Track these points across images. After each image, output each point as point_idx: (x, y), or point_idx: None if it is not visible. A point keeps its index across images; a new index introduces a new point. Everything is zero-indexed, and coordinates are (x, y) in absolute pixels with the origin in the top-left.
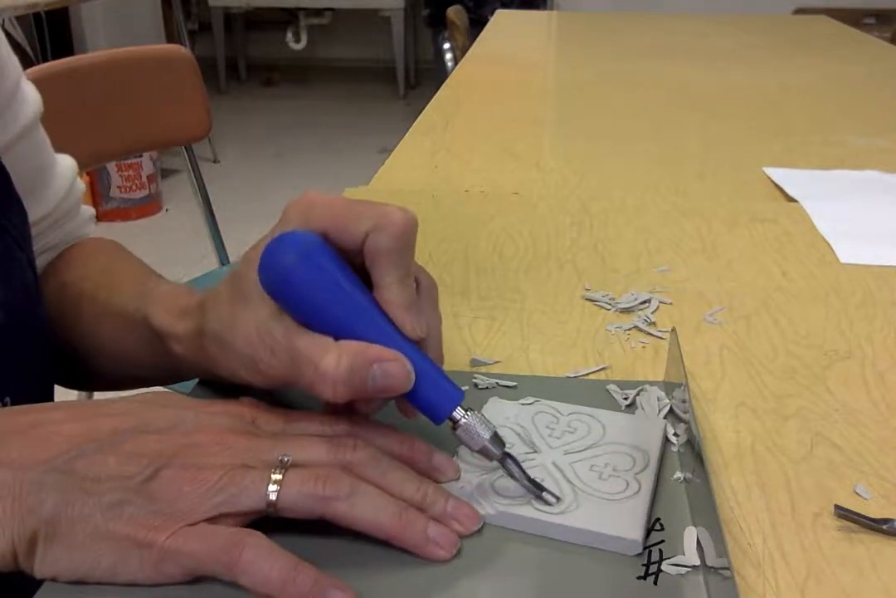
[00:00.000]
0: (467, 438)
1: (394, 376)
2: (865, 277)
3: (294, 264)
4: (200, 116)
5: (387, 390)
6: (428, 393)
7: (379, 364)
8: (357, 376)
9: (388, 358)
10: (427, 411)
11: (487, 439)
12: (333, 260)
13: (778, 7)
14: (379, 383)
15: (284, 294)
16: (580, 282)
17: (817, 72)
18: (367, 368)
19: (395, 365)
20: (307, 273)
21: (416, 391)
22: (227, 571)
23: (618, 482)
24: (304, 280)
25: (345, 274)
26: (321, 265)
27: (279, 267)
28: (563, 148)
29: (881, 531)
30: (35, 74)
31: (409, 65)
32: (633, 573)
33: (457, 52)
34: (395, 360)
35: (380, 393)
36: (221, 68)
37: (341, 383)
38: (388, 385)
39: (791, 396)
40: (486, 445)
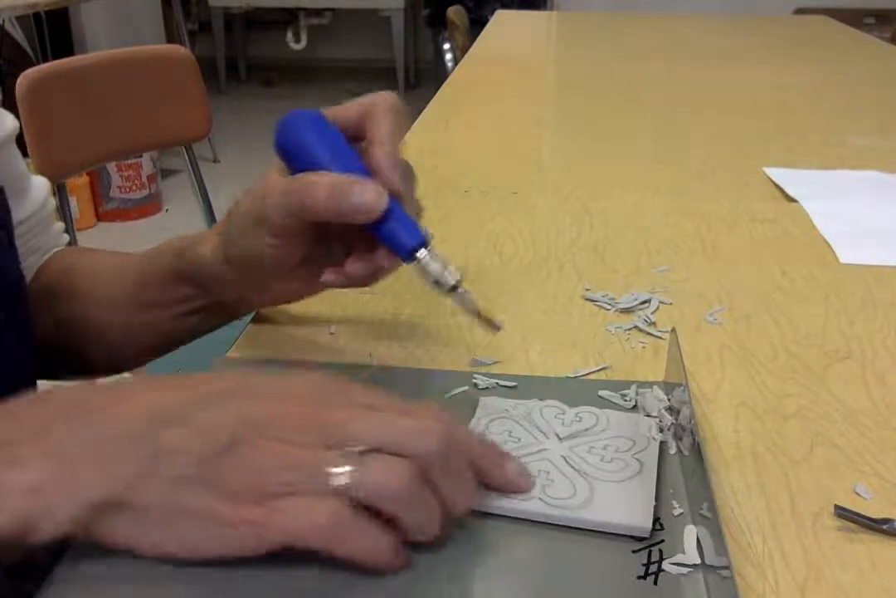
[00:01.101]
0: (423, 271)
1: (370, 194)
2: (865, 277)
3: (297, 123)
4: (200, 116)
5: (364, 205)
6: (395, 229)
7: (358, 185)
8: (340, 188)
9: (366, 183)
10: (394, 246)
11: (441, 272)
12: (331, 126)
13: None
14: (357, 199)
15: (288, 147)
16: (580, 282)
17: (817, 72)
18: (349, 184)
19: (371, 186)
20: (310, 129)
21: (386, 226)
22: (321, 543)
23: (619, 463)
24: (306, 135)
25: (340, 137)
26: (322, 125)
27: (289, 126)
28: (563, 148)
29: (881, 531)
30: (35, 74)
31: (409, 65)
32: (634, 572)
33: (457, 52)
34: (372, 186)
35: (358, 211)
36: (221, 68)
37: (325, 191)
38: (365, 200)
39: (791, 396)
40: (439, 277)
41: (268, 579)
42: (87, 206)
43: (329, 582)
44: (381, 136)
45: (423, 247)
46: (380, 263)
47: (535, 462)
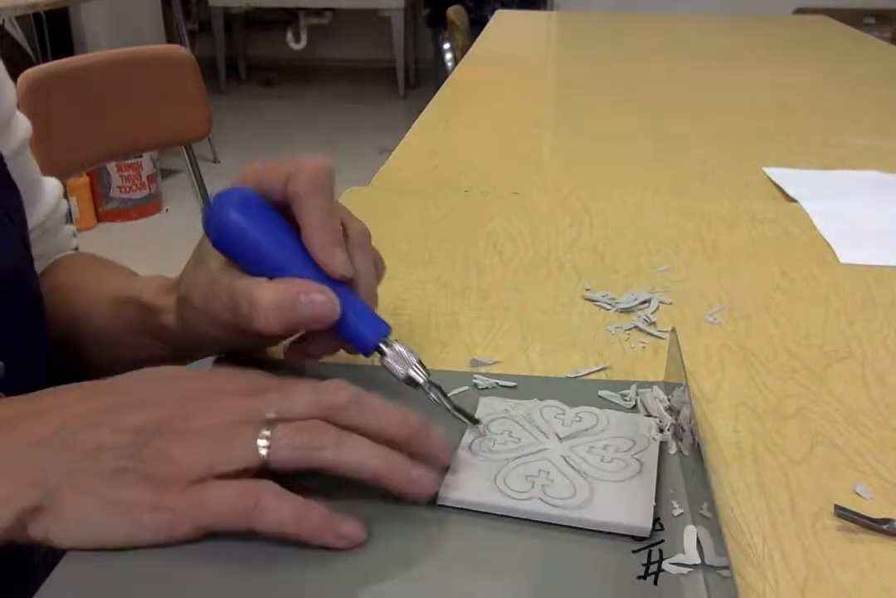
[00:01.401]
0: (393, 366)
1: (319, 305)
2: (865, 277)
3: (229, 214)
4: (200, 116)
5: (314, 318)
6: (355, 325)
7: (305, 294)
8: (285, 305)
9: (313, 290)
10: (356, 342)
11: (412, 365)
12: (265, 210)
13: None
14: (306, 312)
15: (225, 243)
16: (580, 282)
17: (817, 72)
18: (293, 297)
19: (319, 295)
20: (240, 221)
21: (344, 323)
22: (242, 519)
23: (619, 463)
24: (238, 228)
25: (276, 222)
26: (253, 214)
27: (218, 219)
28: (563, 148)
29: (881, 531)
30: (35, 74)
31: (409, 65)
32: (633, 572)
33: (457, 52)
34: (319, 291)
35: (309, 323)
36: (221, 68)
37: (272, 312)
38: (315, 314)
39: (791, 396)
40: (411, 373)
41: (268, 580)
42: (87, 206)
43: (329, 584)
44: (312, 220)
45: (384, 342)
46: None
47: (535, 462)
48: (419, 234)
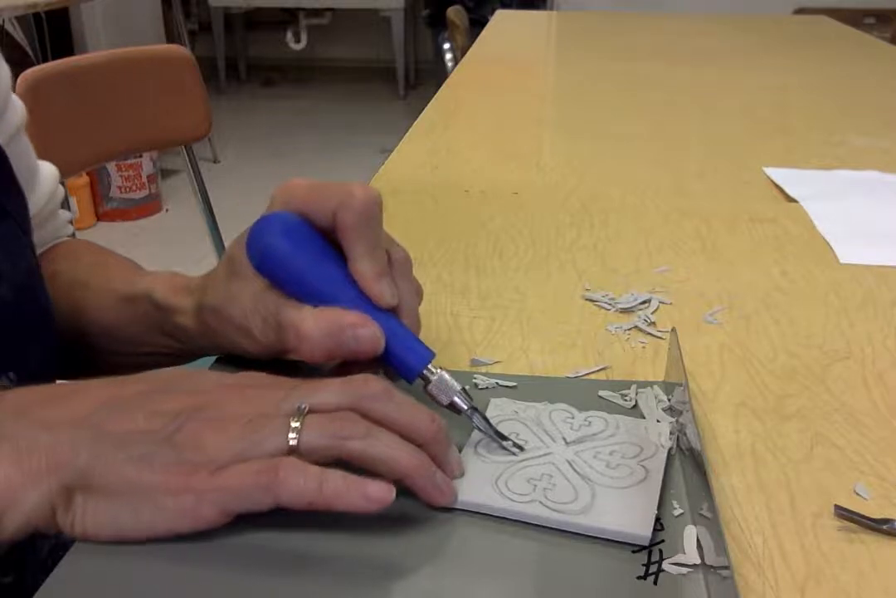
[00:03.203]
0: (437, 393)
1: (364, 340)
2: (865, 277)
3: (274, 242)
4: (200, 116)
5: (359, 352)
6: (400, 354)
7: (351, 328)
8: (332, 340)
9: (359, 324)
10: (400, 370)
11: (457, 392)
12: (311, 237)
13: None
14: (352, 346)
15: (269, 269)
16: (580, 282)
17: (817, 72)
18: (340, 332)
19: (365, 330)
20: (286, 249)
21: (389, 352)
22: (265, 493)
23: (624, 470)
24: (283, 256)
25: (321, 249)
26: (298, 242)
27: (262, 245)
28: (563, 148)
29: (881, 531)
30: (35, 74)
31: (409, 65)
32: (633, 572)
33: (457, 52)
34: (365, 325)
35: (354, 355)
36: (221, 68)
37: (318, 346)
38: (360, 348)
39: (791, 396)
40: (455, 399)
41: (269, 580)
42: (87, 206)
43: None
44: (359, 252)
45: (428, 369)
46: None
47: (539, 466)
48: (419, 234)
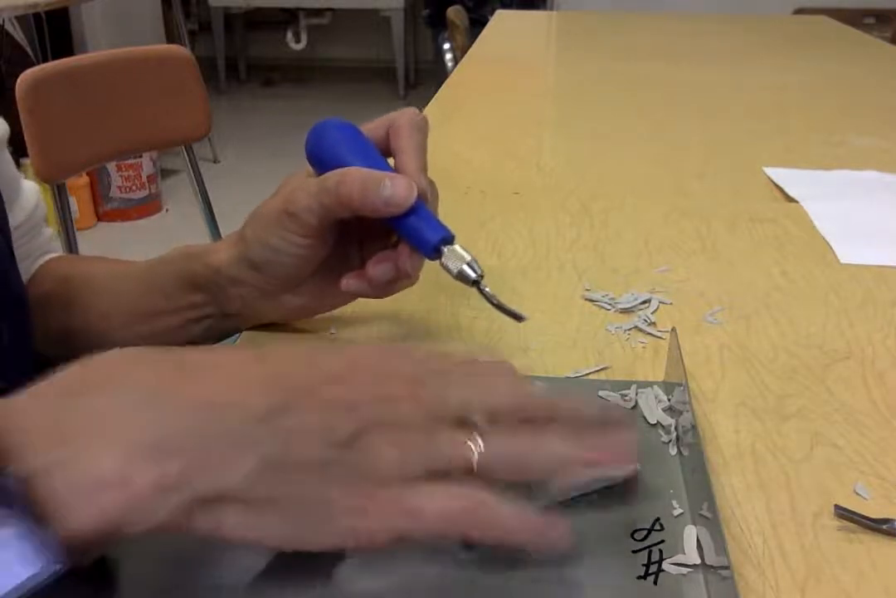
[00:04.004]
0: (448, 263)
1: (399, 190)
2: (865, 277)
3: (327, 126)
4: (200, 116)
5: (394, 199)
6: (422, 225)
7: (390, 178)
8: (371, 183)
9: (398, 177)
10: (419, 241)
11: (465, 262)
12: (362, 134)
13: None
14: (388, 192)
15: (321, 151)
16: (580, 282)
17: (817, 72)
18: (380, 177)
19: (402, 179)
20: (340, 135)
21: (413, 220)
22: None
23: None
24: (337, 139)
25: (370, 145)
26: (352, 132)
27: (317, 131)
28: (563, 148)
29: (881, 531)
30: (35, 74)
31: (409, 65)
32: (633, 572)
33: (457, 52)
34: (404, 179)
35: (389, 203)
36: (221, 68)
37: (357, 186)
38: (396, 194)
39: (791, 396)
40: (464, 268)
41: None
42: (87, 206)
43: None
44: (406, 147)
45: (448, 243)
46: (402, 264)
47: None
48: None
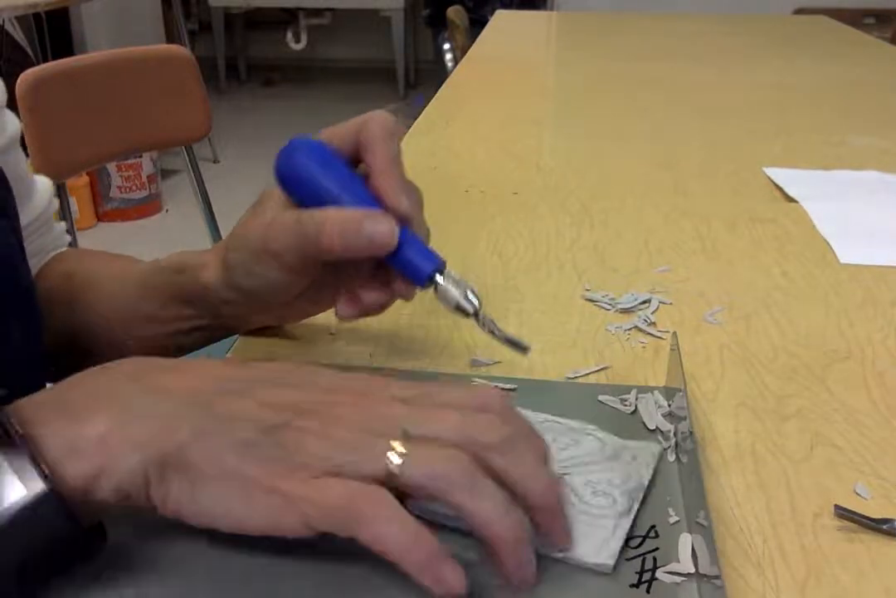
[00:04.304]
0: (443, 297)
1: (381, 231)
2: (865, 277)
3: (296, 153)
4: (200, 116)
5: (375, 243)
6: (411, 256)
7: (370, 220)
8: (351, 226)
9: (378, 216)
10: (410, 273)
11: (462, 296)
12: (333, 156)
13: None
14: (367, 233)
15: (290, 180)
16: (580, 282)
17: (817, 72)
18: (360, 219)
19: (383, 219)
20: (307, 160)
21: (401, 254)
22: (354, 524)
23: (606, 499)
24: (305, 165)
25: (342, 167)
26: (319, 155)
27: (285, 157)
28: (563, 148)
29: (881, 531)
30: (35, 74)
31: (409, 65)
32: (626, 580)
33: (457, 52)
34: (384, 217)
35: (371, 246)
36: (221, 68)
37: (336, 231)
38: (377, 236)
39: (791, 396)
40: (461, 302)
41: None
42: (87, 206)
43: None
44: (380, 163)
45: (440, 272)
46: (398, 291)
47: None
48: None
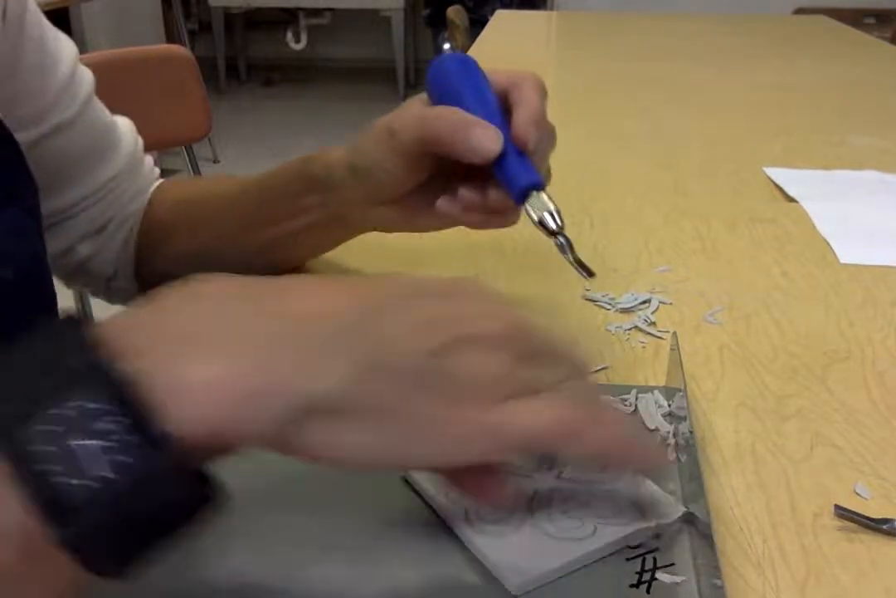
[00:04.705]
0: (531, 209)
1: (487, 136)
2: (865, 277)
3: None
4: (200, 116)
5: (478, 148)
6: (513, 169)
7: (483, 127)
8: (462, 126)
9: (489, 126)
10: (508, 184)
11: (549, 211)
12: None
13: (778, 7)
14: (474, 140)
15: (438, 81)
16: (580, 282)
17: (817, 72)
18: (473, 124)
19: (492, 131)
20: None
21: (504, 166)
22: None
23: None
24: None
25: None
26: (474, 71)
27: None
28: (563, 148)
29: (881, 531)
30: None
31: (409, 65)
32: (626, 580)
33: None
34: (493, 129)
35: (472, 150)
36: (221, 68)
37: (449, 127)
38: (480, 143)
39: (791, 396)
40: (545, 217)
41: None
42: None
43: None
44: (527, 99)
45: (536, 190)
46: (493, 199)
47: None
48: (419, 234)
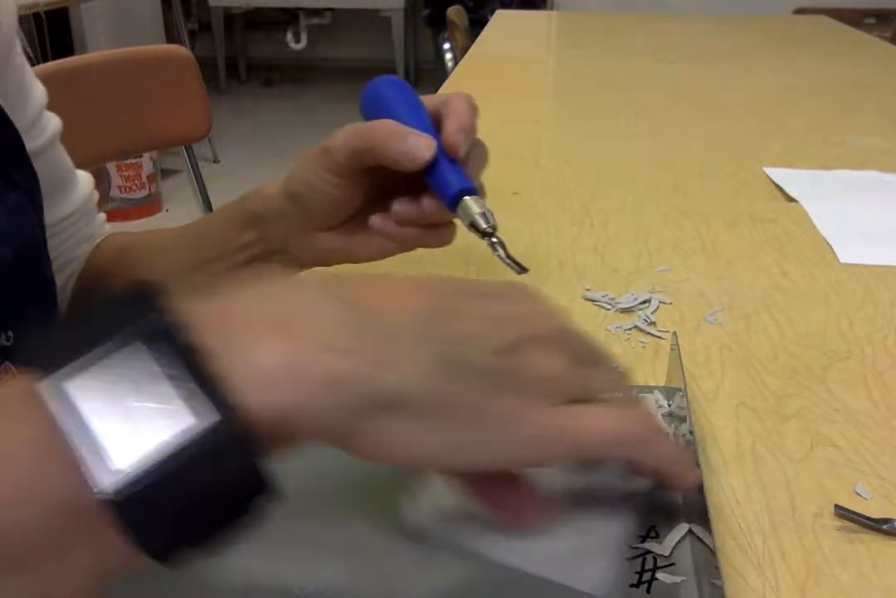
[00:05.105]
0: (462, 213)
1: (421, 143)
2: (865, 277)
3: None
4: (200, 116)
5: (411, 154)
6: (445, 176)
7: (415, 136)
8: (395, 135)
9: (423, 136)
10: (440, 192)
11: (479, 215)
12: (414, 94)
13: (778, 7)
14: (407, 146)
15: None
16: (580, 282)
17: (817, 72)
18: (406, 133)
19: (425, 138)
20: (392, 89)
21: (436, 172)
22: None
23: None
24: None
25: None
26: (404, 90)
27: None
28: (564, 147)
29: (881, 531)
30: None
31: (409, 65)
32: (626, 580)
33: (457, 52)
34: (427, 137)
35: (406, 157)
36: (221, 68)
37: (383, 136)
38: (413, 149)
39: (791, 396)
40: (476, 219)
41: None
42: None
43: None
44: (456, 110)
45: (468, 195)
46: (428, 208)
47: None
48: None
